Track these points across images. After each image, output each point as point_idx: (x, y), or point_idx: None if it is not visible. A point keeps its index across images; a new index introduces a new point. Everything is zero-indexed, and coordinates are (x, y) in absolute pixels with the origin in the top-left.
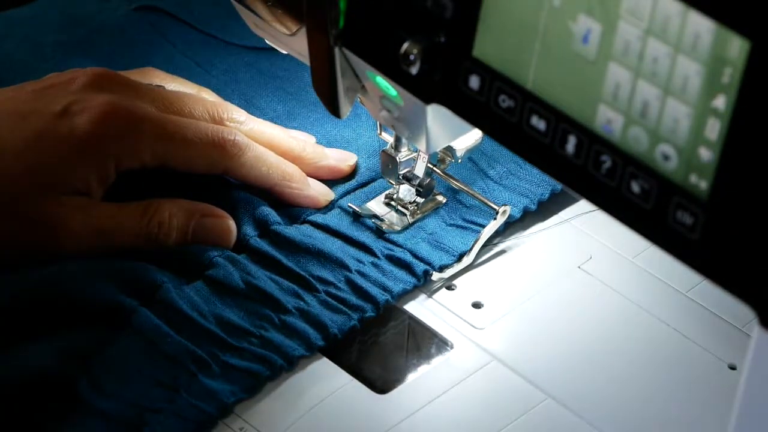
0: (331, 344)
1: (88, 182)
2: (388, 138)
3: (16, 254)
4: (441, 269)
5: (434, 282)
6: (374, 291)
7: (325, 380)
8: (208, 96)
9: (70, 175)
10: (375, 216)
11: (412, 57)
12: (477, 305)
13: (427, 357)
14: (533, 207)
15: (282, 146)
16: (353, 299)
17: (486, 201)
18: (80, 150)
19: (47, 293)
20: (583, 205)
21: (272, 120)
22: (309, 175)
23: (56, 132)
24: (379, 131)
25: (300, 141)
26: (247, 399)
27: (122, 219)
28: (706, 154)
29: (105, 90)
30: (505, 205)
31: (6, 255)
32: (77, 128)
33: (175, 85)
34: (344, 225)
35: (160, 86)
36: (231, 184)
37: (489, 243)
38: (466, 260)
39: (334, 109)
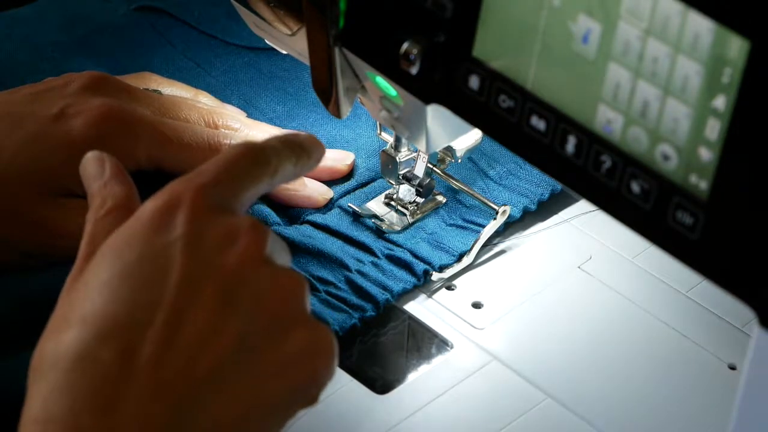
0: None
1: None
2: (388, 138)
3: (13, 257)
4: (441, 269)
5: (434, 282)
6: (374, 290)
7: None
8: (206, 99)
9: (66, 177)
10: (375, 216)
11: (412, 57)
12: (477, 305)
13: (427, 357)
14: (533, 207)
15: None
16: (353, 299)
17: (486, 201)
18: (76, 152)
19: (43, 302)
20: (583, 205)
21: (272, 120)
22: (307, 177)
23: (52, 135)
24: (379, 131)
25: None
26: None
27: None
28: (706, 154)
29: (101, 93)
30: (505, 205)
31: (3, 258)
32: (73, 131)
33: (171, 88)
34: (344, 225)
35: (157, 90)
36: None
37: (489, 243)
38: (466, 260)
39: (334, 109)
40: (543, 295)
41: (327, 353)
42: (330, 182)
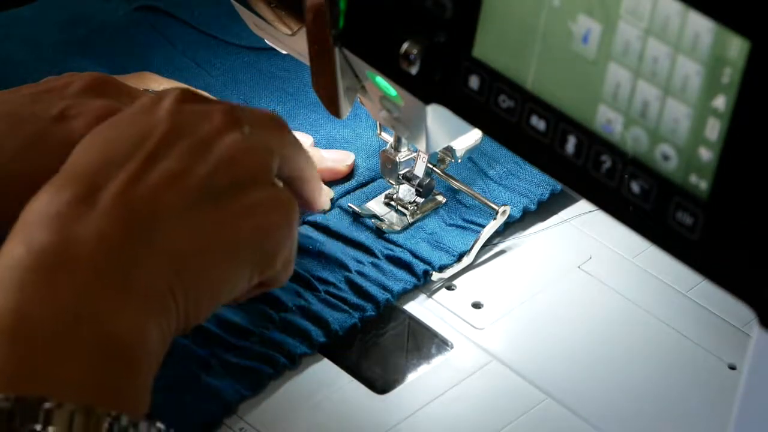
0: (332, 342)
1: None
2: (388, 138)
3: None
4: (441, 269)
5: (434, 282)
6: (374, 290)
7: (325, 380)
8: None
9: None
10: (375, 216)
11: (412, 57)
12: (477, 305)
13: (427, 357)
14: (533, 207)
15: None
16: (353, 299)
17: (486, 201)
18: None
19: None
20: (583, 205)
21: None
22: None
23: (52, 136)
24: (379, 131)
25: None
26: (250, 398)
27: None
28: (706, 154)
29: (101, 95)
30: (505, 205)
31: None
32: (73, 132)
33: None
34: (344, 225)
35: (157, 91)
36: None
37: (489, 243)
38: (466, 260)
39: (334, 109)
40: (543, 295)
41: (285, 209)
42: (330, 182)
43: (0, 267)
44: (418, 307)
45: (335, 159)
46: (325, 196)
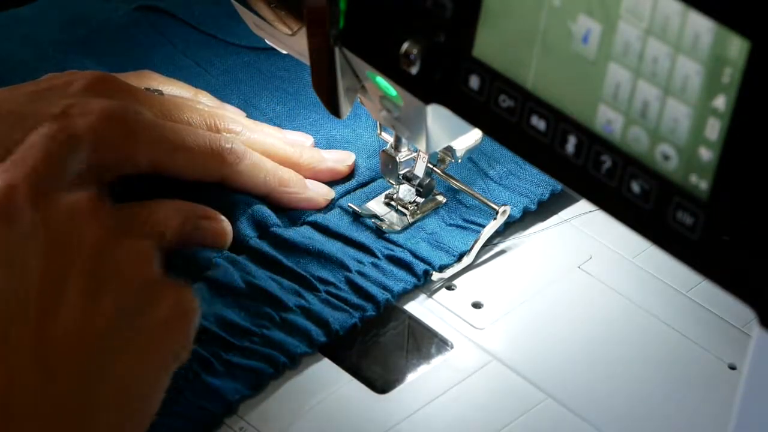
0: (332, 342)
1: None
2: (388, 138)
3: None
4: (441, 269)
5: (434, 282)
6: (374, 290)
7: (325, 380)
8: (206, 99)
9: (66, 178)
10: (375, 216)
11: (412, 57)
12: (477, 305)
13: (427, 357)
14: (533, 207)
15: (279, 154)
16: (354, 299)
17: (486, 201)
18: (77, 154)
19: None
20: (583, 205)
21: (272, 120)
22: (308, 179)
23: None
24: (379, 131)
25: (297, 147)
26: (250, 398)
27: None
28: (706, 154)
29: (103, 94)
30: (505, 205)
31: None
32: (74, 132)
33: (172, 88)
34: (344, 225)
35: (158, 90)
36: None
37: (489, 243)
38: (466, 260)
39: (334, 109)
40: (543, 295)
41: (193, 312)
42: (330, 182)
43: None
44: (418, 307)
45: (335, 159)
46: (315, 194)
